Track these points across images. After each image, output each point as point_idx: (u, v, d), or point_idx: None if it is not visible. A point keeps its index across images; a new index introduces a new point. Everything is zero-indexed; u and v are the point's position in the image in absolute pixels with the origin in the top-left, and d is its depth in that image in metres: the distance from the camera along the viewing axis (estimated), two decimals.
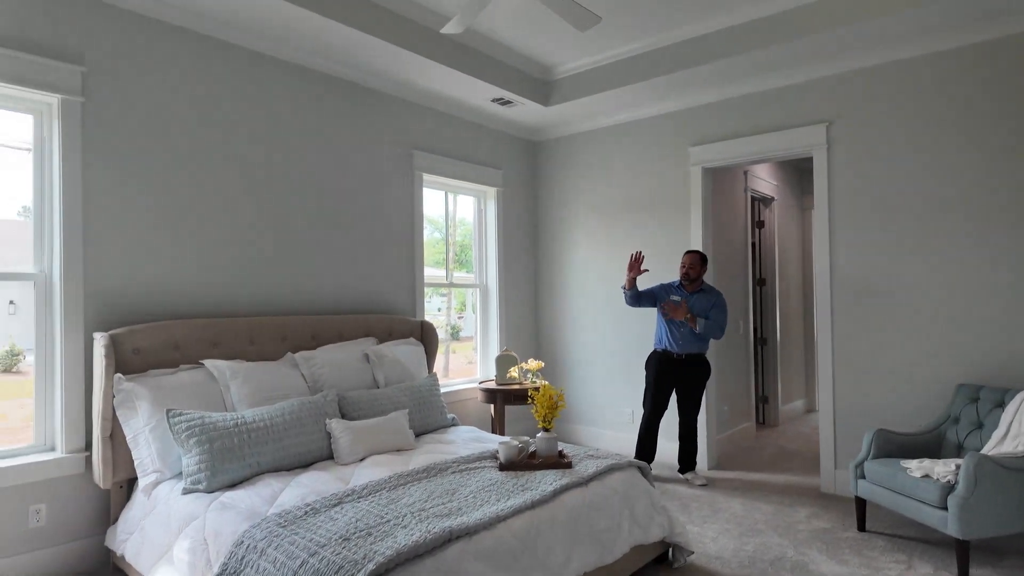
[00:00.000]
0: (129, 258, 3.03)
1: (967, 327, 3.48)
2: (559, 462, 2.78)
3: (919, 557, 2.97)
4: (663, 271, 4.64)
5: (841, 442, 3.92)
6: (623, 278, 4.90)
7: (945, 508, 2.74)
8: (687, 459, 4.19)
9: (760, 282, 5.94)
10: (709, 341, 4.15)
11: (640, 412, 4.82)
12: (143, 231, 3.08)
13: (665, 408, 4.15)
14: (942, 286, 3.57)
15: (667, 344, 4.09)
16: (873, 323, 3.80)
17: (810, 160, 4.28)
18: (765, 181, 5.77)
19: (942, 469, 2.83)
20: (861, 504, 3.29)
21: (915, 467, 2.95)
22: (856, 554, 3.01)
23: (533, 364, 4.57)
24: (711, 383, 4.46)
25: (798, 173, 6.58)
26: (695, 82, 4.24)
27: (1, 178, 3.49)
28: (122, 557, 2.67)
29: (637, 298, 4.04)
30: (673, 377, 4.09)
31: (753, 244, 5.76)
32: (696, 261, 4.05)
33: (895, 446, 3.25)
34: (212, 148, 3.35)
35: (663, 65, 4.11)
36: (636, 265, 3.91)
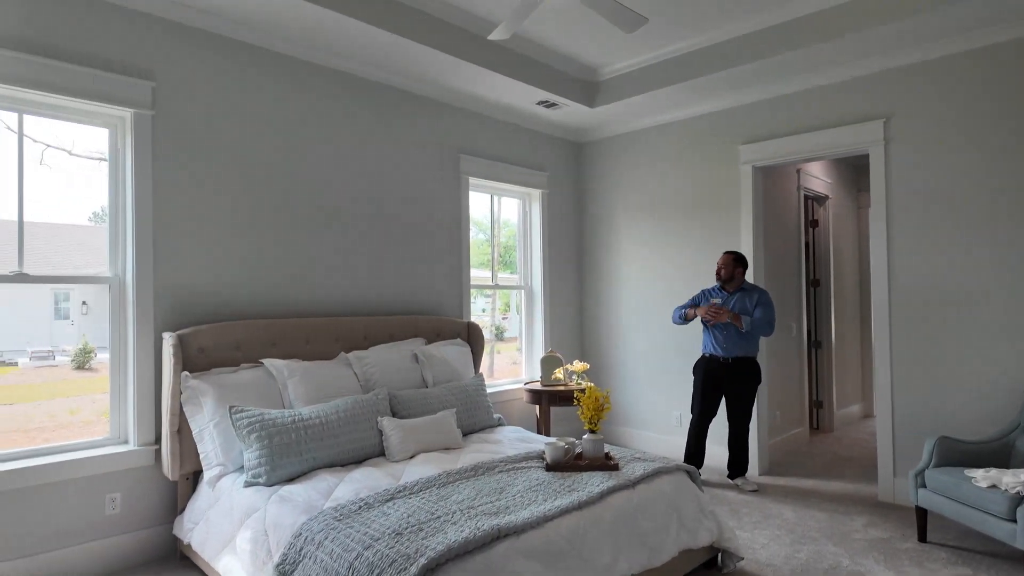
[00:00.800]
0: (195, 262, 3.20)
1: None
2: (606, 464, 2.79)
3: (985, 570, 2.84)
4: (712, 273, 4.58)
5: (900, 449, 3.78)
6: (670, 279, 4.88)
7: (1014, 520, 2.62)
8: (737, 465, 4.12)
9: (814, 283, 5.77)
10: (758, 342, 4.07)
11: (688, 415, 4.76)
12: (207, 236, 3.25)
13: (713, 414, 4.09)
14: (1008, 288, 3.40)
15: (713, 348, 4.04)
16: (934, 326, 3.65)
17: (866, 157, 4.15)
18: (819, 179, 5.61)
19: (1011, 480, 2.71)
20: (922, 514, 3.17)
21: (981, 477, 2.82)
22: (917, 565, 2.90)
23: (579, 366, 4.57)
24: (762, 387, 4.37)
25: (854, 170, 6.36)
26: (745, 80, 4.16)
27: (77, 187, 3.73)
28: (189, 545, 2.82)
29: (687, 320, 4.13)
30: (721, 382, 4.03)
31: (807, 244, 5.61)
32: (729, 261, 4.02)
33: (958, 454, 3.11)
34: (269, 156, 3.50)
35: (712, 63, 4.05)
36: (715, 316, 3.92)
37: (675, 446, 4.79)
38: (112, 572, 2.88)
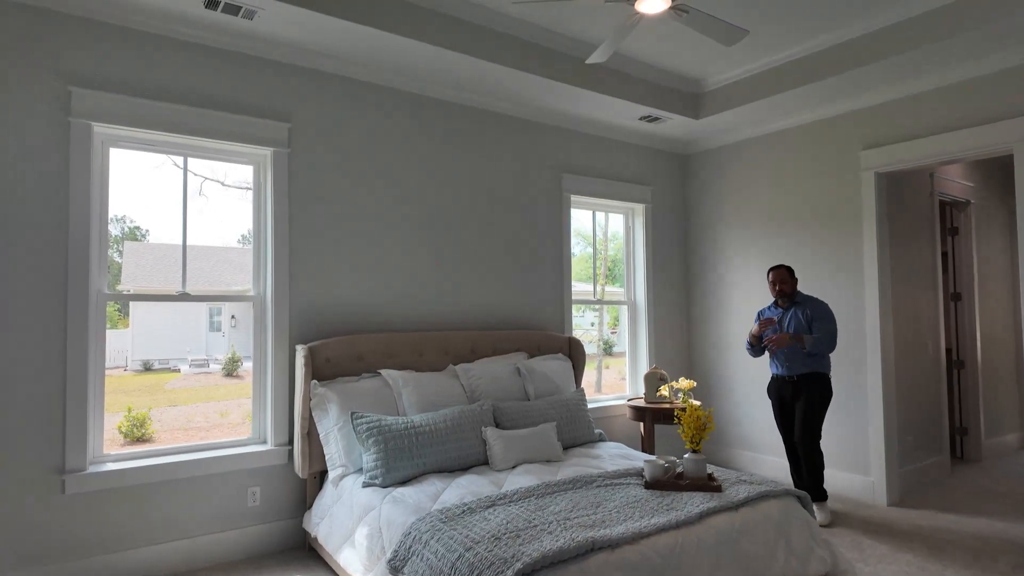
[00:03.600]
0: (323, 281, 3.56)
1: None
2: (707, 484, 2.74)
3: None
4: (832, 286, 4.33)
5: None
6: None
7: None
8: (809, 490, 3.78)
9: (955, 297, 5.24)
10: (828, 358, 3.82)
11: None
12: (334, 258, 3.60)
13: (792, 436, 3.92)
14: None
15: (778, 367, 3.89)
16: None
17: (1011, 157, 3.74)
18: (957, 183, 5.10)
19: None
20: None
21: None
22: None
23: (684, 383, 4.48)
24: (889, 408, 4.05)
25: (1002, 171, 5.70)
26: (866, 81, 3.92)
27: (226, 214, 4.27)
28: (315, 538, 3.12)
29: (757, 349, 3.98)
30: (791, 400, 3.86)
31: (944, 254, 5.12)
32: (786, 276, 3.85)
33: None
34: (386, 184, 3.81)
35: (828, 66, 3.86)
36: (777, 344, 3.74)
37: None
38: (252, 557, 3.26)
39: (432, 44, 3.36)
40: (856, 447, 4.24)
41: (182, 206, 3.33)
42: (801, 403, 3.77)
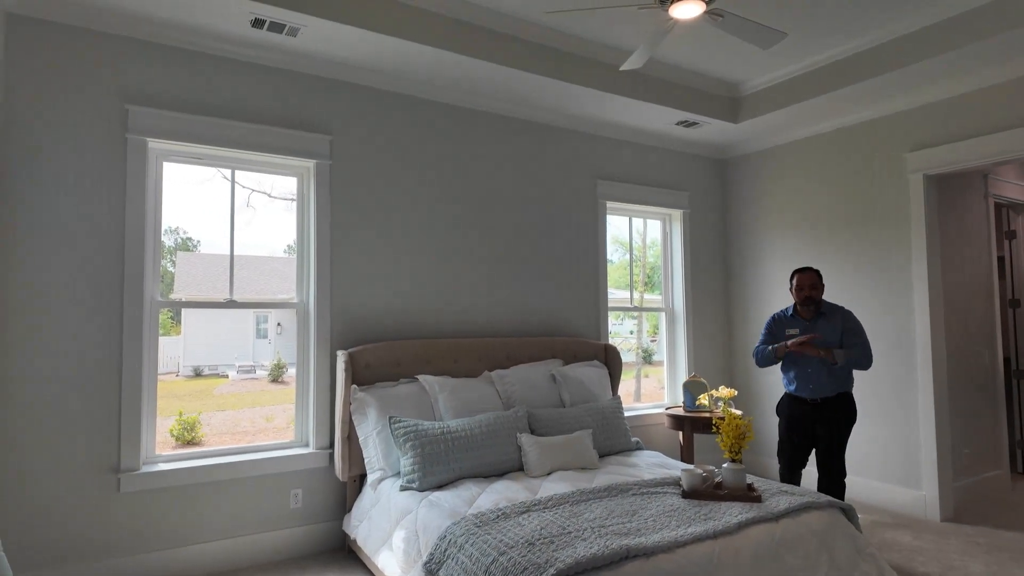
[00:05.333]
0: (363, 289, 3.65)
1: None
2: (747, 495, 2.68)
3: None
4: (879, 293, 4.20)
5: None
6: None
7: None
8: None
9: (1013, 303, 5.00)
10: (853, 374, 3.40)
11: (851, 447, 4.36)
12: (373, 267, 3.69)
13: (803, 465, 3.44)
14: None
15: (797, 388, 3.38)
16: None
17: None
18: (1014, 184, 4.88)
19: None
20: None
21: None
22: None
23: (725, 392, 4.40)
24: (942, 419, 3.89)
25: None
26: (913, 81, 3.80)
27: (272, 224, 4.43)
28: (355, 540, 3.19)
29: (777, 359, 3.44)
30: (810, 426, 3.37)
31: (1000, 258, 4.90)
32: (816, 280, 3.37)
33: None
34: (424, 194, 3.89)
35: (870, 67, 3.76)
36: (803, 347, 3.29)
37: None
38: (294, 558, 3.34)
39: (468, 55, 3.43)
40: (907, 460, 4.08)
41: (230, 217, 3.47)
42: (828, 429, 3.31)
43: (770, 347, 3.45)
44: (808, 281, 3.38)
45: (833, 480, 3.33)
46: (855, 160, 4.42)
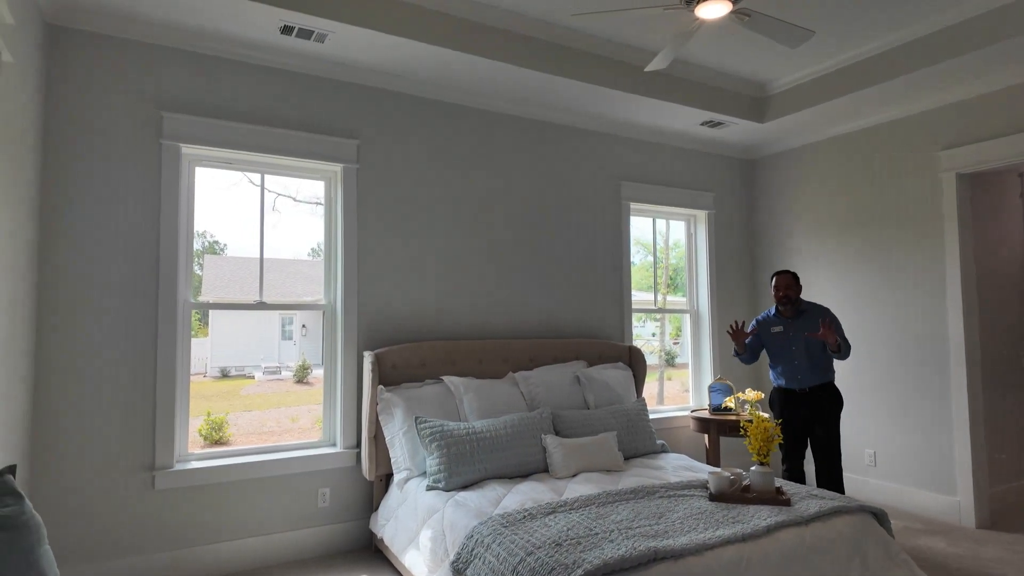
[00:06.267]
0: (389, 291, 3.69)
1: None
2: (776, 498, 2.65)
3: None
4: (911, 294, 4.12)
5: None
6: (857, 303, 4.48)
7: None
8: None
9: None
10: (834, 367, 3.72)
11: (883, 452, 4.28)
12: (399, 269, 3.73)
13: (803, 455, 3.66)
14: None
15: (788, 380, 3.64)
16: None
17: None
18: None
19: None
20: None
21: None
22: None
23: (751, 394, 4.35)
24: (977, 424, 3.79)
25: None
26: (944, 78, 3.73)
27: (298, 228, 4.49)
28: (381, 540, 3.22)
29: (753, 354, 3.78)
30: (803, 415, 3.61)
31: None
32: (791, 282, 3.64)
33: None
34: (448, 196, 3.92)
35: (900, 64, 3.70)
36: (740, 336, 3.65)
37: (868, 487, 4.32)
38: (321, 556, 3.39)
39: (492, 59, 3.45)
40: (939, 464, 3.99)
41: (259, 220, 3.54)
42: (822, 418, 3.55)
43: (744, 354, 3.76)
44: (784, 282, 3.66)
45: (833, 465, 3.54)
46: (885, 159, 4.34)
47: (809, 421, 3.60)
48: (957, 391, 3.90)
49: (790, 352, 3.63)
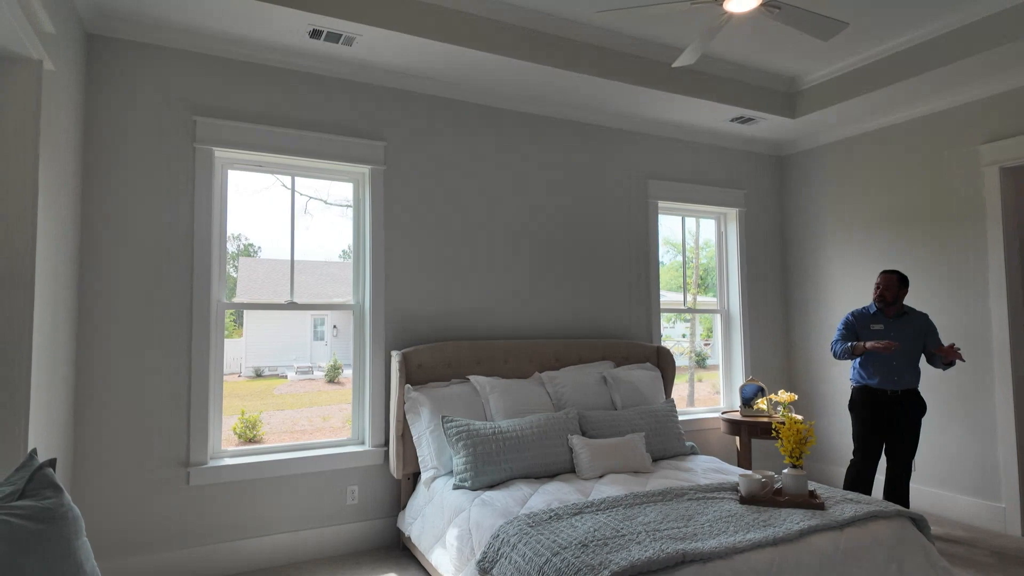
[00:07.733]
0: (416, 291, 3.72)
1: None
2: (809, 502, 2.59)
3: None
4: (951, 293, 3.98)
5: None
6: None
7: None
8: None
9: None
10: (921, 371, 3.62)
11: (923, 456, 4.14)
12: (425, 269, 3.75)
13: (878, 457, 3.59)
14: None
15: (879, 380, 3.54)
16: None
17: None
18: None
19: None
20: None
21: None
22: None
23: (784, 396, 4.26)
24: (1020, 425, 3.65)
25: None
26: (985, 69, 3.60)
27: (329, 230, 4.56)
28: (409, 538, 3.24)
29: (854, 355, 3.57)
30: (887, 418, 3.54)
31: None
32: (893, 282, 3.55)
33: None
34: (475, 196, 3.93)
35: (937, 56, 3.58)
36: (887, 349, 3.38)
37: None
38: (350, 554, 3.43)
39: (519, 59, 3.45)
40: (984, 470, 3.85)
41: (291, 223, 3.60)
42: (907, 422, 3.51)
43: (850, 344, 3.58)
44: (883, 281, 3.58)
45: (905, 470, 3.52)
46: (923, 154, 4.21)
47: (892, 425, 3.54)
48: (1002, 392, 3.75)
49: (889, 352, 3.49)
